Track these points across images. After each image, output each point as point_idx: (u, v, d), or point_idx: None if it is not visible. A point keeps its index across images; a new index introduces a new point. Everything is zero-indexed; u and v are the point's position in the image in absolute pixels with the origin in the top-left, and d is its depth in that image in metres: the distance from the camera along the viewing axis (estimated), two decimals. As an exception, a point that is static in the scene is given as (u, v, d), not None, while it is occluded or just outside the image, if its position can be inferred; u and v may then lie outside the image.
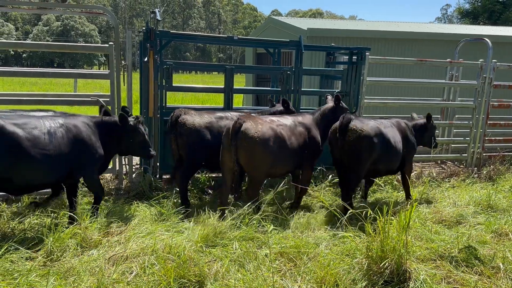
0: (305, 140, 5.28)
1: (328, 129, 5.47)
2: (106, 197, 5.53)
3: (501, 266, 3.76)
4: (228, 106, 6.37)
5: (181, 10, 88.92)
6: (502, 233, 4.71)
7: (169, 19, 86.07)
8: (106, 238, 4.16)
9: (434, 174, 7.40)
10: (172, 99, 17.76)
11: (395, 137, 5.54)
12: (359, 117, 5.58)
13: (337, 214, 4.14)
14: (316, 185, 6.26)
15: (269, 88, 7.88)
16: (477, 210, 5.49)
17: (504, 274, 3.70)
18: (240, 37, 6.73)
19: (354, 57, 7.04)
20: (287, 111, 5.97)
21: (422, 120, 6.27)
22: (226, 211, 4.66)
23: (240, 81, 21.16)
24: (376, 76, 9.45)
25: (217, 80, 42.78)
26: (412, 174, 7.12)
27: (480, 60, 7.82)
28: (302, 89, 6.95)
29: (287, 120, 5.33)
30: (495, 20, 27.16)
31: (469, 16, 29.15)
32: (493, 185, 6.78)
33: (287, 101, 6.09)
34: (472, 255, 4.00)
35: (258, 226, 4.31)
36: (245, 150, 4.78)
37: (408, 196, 5.97)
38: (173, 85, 6.34)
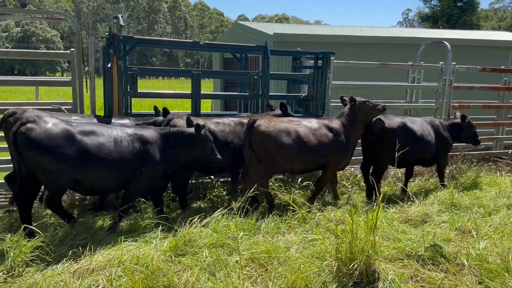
0: (329, 142, 5.61)
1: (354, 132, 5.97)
2: (71, 209, 5.36)
3: (465, 262, 3.86)
4: (195, 112, 6.31)
5: (146, 15, 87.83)
6: (465, 230, 4.85)
7: (134, 24, 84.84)
8: (71, 251, 4.01)
9: (400, 175, 7.58)
10: (139, 105, 17.45)
11: (423, 131, 6.48)
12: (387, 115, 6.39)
13: (307, 217, 4.15)
14: (286, 188, 6.28)
15: (236, 93, 7.87)
16: (441, 209, 5.63)
17: (468, 270, 3.80)
18: (206, 42, 6.70)
19: (320, 62, 7.13)
20: (285, 115, 6.14)
21: (458, 120, 7.00)
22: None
23: (208, 86, 21.05)
24: (342, 80, 9.63)
25: (185, 85, 42.41)
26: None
27: (441, 62, 8.10)
28: (269, 93, 6.97)
29: (311, 122, 5.72)
30: (453, 23, 28.29)
31: (429, 20, 30.25)
32: (456, 183, 7.00)
33: (285, 105, 6.27)
34: (438, 253, 4.10)
35: (229, 232, 4.27)
36: (257, 144, 5.27)
37: (443, 185, 6.84)
38: (139, 91, 6.21)
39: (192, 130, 4.89)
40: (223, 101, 12.42)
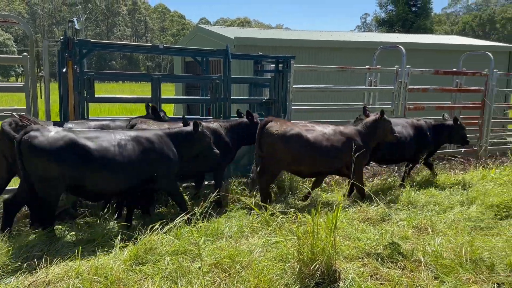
0: (343, 148, 5.85)
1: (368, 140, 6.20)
2: (26, 220, 5.13)
3: (422, 259, 4.01)
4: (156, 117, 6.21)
5: (104, 17, 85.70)
6: (421, 227, 5.03)
7: (92, 27, 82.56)
8: (26, 263, 3.84)
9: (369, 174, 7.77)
10: (97, 110, 16.98)
11: (403, 133, 7.00)
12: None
13: (269, 220, 4.18)
14: (249, 192, 6.30)
15: (198, 97, 7.83)
16: (399, 207, 5.82)
17: (425, 266, 3.94)
18: (166, 45, 6.63)
19: (280, 65, 7.21)
20: (251, 123, 6.10)
21: (449, 122, 7.56)
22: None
23: (170, 90, 20.76)
24: (303, 83, 9.77)
25: (147, 89, 41.50)
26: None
27: (396, 66, 8.38)
28: (232, 97, 6.98)
29: (326, 128, 6.07)
30: (408, 28, 29.40)
31: (386, 24, 31.29)
32: (412, 182, 7.25)
33: (251, 113, 6.25)
34: (396, 251, 4.23)
35: (191, 238, 4.23)
36: (267, 145, 5.68)
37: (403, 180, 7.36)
38: (96, 96, 6.06)
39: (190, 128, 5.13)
40: (185, 105, 12.30)
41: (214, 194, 4.85)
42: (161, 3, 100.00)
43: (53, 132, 4.30)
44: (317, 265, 3.57)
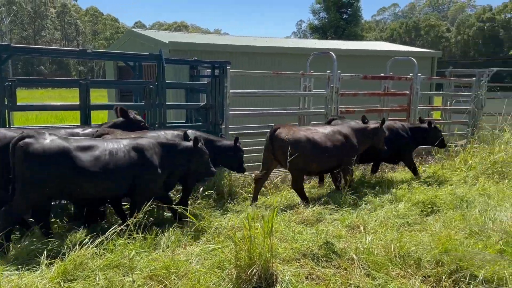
0: (342, 147, 6.51)
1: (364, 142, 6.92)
2: None
3: (355, 257, 4.15)
4: (86, 124, 5.93)
5: (31, 20, 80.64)
6: (354, 226, 5.23)
7: (17, 30, 77.39)
8: None
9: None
10: (24, 119, 15.90)
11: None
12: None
13: (206, 228, 4.13)
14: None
15: (131, 103, 7.57)
16: (334, 207, 6.00)
17: (357, 264, 4.09)
18: (95, 50, 6.35)
19: (217, 71, 7.19)
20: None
21: (424, 125, 8.06)
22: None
23: (103, 95, 19.94)
24: (241, 88, 9.82)
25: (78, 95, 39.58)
26: (277, 178, 7.62)
27: (328, 71, 8.69)
28: (167, 103, 6.84)
29: (327, 129, 6.67)
30: (340, 34, 30.68)
31: (319, 31, 32.44)
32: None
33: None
34: (331, 250, 4.35)
35: (125, 251, 4.06)
36: (280, 150, 6.09)
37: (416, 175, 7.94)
38: (18, 104, 5.65)
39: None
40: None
41: (147, 204, 4.69)
42: (93, 5, 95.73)
43: (48, 140, 4.42)
44: (254, 270, 3.58)
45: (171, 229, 4.91)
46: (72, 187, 4.51)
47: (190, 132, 5.75)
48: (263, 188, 7.09)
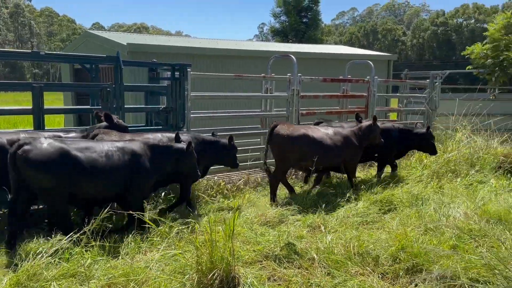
0: (342, 146, 6.93)
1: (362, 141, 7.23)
2: None
3: (316, 257, 4.21)
4: (39, 128, 5.69)
5: (-19, 20, 76.71)
6: (315, 226, 5.31)
7: (-35, 30, 73.37)
8: None
9: (259, 180, 7.96)
10: (-27, 124, 15.08)
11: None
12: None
13: (166, 234, 4.06)
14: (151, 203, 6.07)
15: (87, 107, 7.34)
16: (295, 208, 6.06)
17: (318, 263, 4.15)
18: (48, 52, 6.12)
19: (177, 73, 7.10)
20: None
21: (418, 130, 8.15)
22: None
23: (61, 98, 19.23)
24: (203, 91, 9.75)
25: (34, 99, 37.84)
26: (240, 181, 7.62)
27: (288, 74, 8.78)
28: (126, 106, 6.68)
29: (328, 129, 7.12)
30: (301, 38, 31.12)
31: (280, 34, 32.76)
32: (306, 184, 7.63)
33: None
34: (292, 251, 4.39)
35: (82, 260, 3.93)
36: (276, 145, 6.64)
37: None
38: (-36, 108, 5.35)
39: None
40: (76, 115, 11.49)
41: (105, 211, 4.56)
42: (48, 6, 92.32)
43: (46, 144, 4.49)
44: (216, 274, 3.55)
45: (131, 236, 4.80)
46: (72, 189, 4.60)
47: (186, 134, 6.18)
48: (226, 191, 7.08)
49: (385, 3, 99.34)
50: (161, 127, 7.06)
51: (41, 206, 5.28)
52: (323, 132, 6.94)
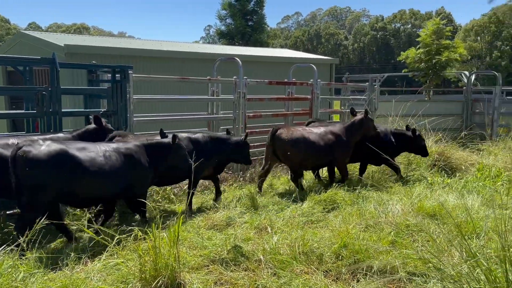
0: (334, 144, 7.41)
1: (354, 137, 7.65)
2: None
3: (262, 258, 4.25)
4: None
5: None
6: (262, 228, 5.34)
7: None
8: None
9: (207, 183, 7.90)
10: None
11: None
12: None
13: (105, 242, 3.91)
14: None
15: (21, 111, 6.94)
16: (243, 210, 6.08)
17: (264, 265, 4.18)
18: (-25, 53, 5.70)
19: (118, 75, 6.89)
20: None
21: (408, 132, 8.25)
22: None
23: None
24: (147, 94, 9.53)
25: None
26: (186, 186, 7.51)
27: (234, 77, 8.81)
28: (63, 110, 6.38)
29: (319, 129, 7.58)
30: (247, 41, 31.32)
31: (226, 37, 32.74)
32: (252, 185, 7.67)
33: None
34: (239, 253, 4.40)
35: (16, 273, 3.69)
36: (280, 149, 7.18)
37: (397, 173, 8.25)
38: None
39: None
40: (10, 120, 10.81)
41: (41, 220, 4.32)
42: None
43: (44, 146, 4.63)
44: (161, 281, 3.48)
45: (70, 246, 4.60)
46: (72, 188, 4.73)
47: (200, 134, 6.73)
48: (172, 196, 6.97)
49: (328, 8, 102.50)
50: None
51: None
52: (315, 133, 7.41)
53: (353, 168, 8.64)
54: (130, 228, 4.81)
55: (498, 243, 3.42)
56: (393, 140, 8.23)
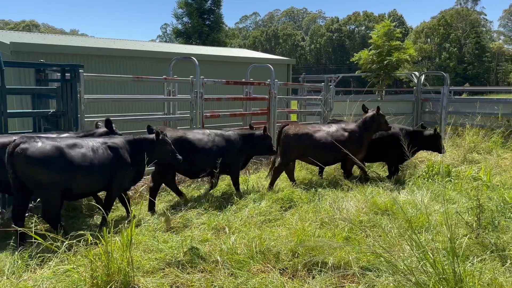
0: (344, 141, 7.54)
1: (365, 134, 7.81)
2: None
3: (219, 259, 4.22)
4: None
5: None
6: (220, 228, 5.32)
7: None
8: None
9: (163, 185, 7.75)
10: None
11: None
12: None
13: (55, 248, 3.75)
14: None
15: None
16: (200, 211, 6.02)
17: (221, 265, 4.16)
18: None
19: (68, 74, 6.62)
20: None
21: (427, 131, 8.30)
22: None
23: None
24: (100, 93, 9.24)
25: None
26: (142, 187, 7.36)
27: (191, 76, 8.70)
28: (8, 111, 6.04)
29: (331, 127, 7.88)
30: (204, 40, 31.08)
31: (183, 35, 32.33)
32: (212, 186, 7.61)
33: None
34: (196, 255, 4.35)
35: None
36: (282, 144, 7.64)
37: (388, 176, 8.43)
38: None
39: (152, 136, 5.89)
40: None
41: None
42: None
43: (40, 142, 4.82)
44: (113, 286, 3.38)
45: (16, 253, 4.36)
46: (69, 182, 4.93)
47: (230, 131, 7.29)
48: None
49: (285, 9, 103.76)
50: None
51: None
52: (324, 130, 7.75)
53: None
54: (81, 232, 4.66)
55: (446, 236, 3.58)
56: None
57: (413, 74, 15.48)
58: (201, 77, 8.66)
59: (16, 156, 4.61)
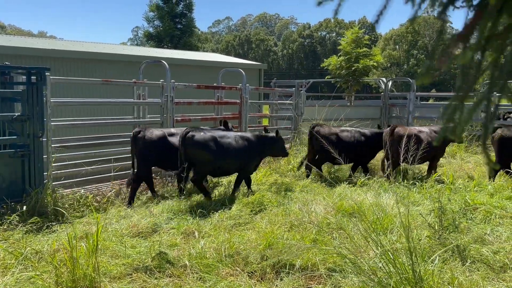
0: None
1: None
2: None
3: (187, 263, 4.22)
4: None
5: None
6: (189, 232, 5.31)
7: None
8: None
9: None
10: None
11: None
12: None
13: (19, 255, 3.67)
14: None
15: None
16: (170, 216, 5.99)
17: (190, 270, 4.16)
18: None
19: (33, 77, 6.47)
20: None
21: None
22: None
23: None
24: (68, 97, 9.04)
25: None
26: (110, 192, 7.25)
27: (161, 80, 8.66)
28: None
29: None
30: (176, 43, 30.88)
31: (155, 39, 32.04)
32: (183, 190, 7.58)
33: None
34: (164, 260, 4.33)
35: None
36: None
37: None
38: None
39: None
40: None
41: None
42: None
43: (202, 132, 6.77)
44: (79, 293, 3.33)
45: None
46: (219, 162, 6.79)
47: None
48: (95, 203, 6.68)
49: (258, 14, 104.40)
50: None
51: None
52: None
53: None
54: (48, 238, 4.57)
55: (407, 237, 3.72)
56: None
57: (381, 80, 15.91)
58: (172, 81, 8.63)
59: (187, 139, 6.56)
